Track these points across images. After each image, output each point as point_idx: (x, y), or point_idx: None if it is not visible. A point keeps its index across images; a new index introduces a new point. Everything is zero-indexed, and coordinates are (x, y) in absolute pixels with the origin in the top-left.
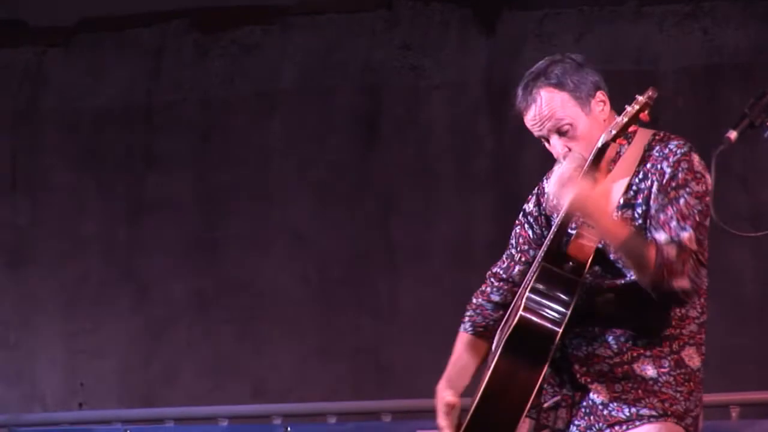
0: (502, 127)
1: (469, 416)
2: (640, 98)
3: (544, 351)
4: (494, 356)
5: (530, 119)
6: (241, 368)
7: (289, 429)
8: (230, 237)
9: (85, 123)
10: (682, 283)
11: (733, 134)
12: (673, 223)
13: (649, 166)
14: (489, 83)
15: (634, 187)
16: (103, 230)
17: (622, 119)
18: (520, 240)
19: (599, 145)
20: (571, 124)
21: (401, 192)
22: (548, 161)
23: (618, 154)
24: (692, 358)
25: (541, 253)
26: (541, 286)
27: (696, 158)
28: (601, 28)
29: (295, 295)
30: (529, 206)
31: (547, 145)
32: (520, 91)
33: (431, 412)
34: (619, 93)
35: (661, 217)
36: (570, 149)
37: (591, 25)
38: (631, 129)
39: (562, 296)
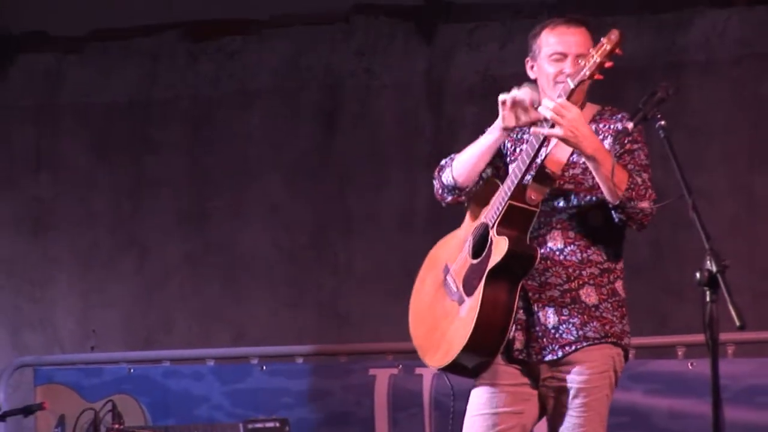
0: (439, 120)
1: (464, 343)
2: (605, 39)
3: (524, 273)
4: (466, 280)
5: (565, 37)
6: (225, 318)
7: (264, 368)
8: (216, 208)
9: (96, 115)
10: (643, 204)
11: (630, 125)
12: (631, 167)
13: (602, 125)
14: (428, 83)
15: None
16: (110, 204)
17: (595, 58)
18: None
19: (573, 85)
20: (583, 58)
21: (357, 171)
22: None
23: None
24: (622, 289)
25: (506, 189)
26: (511, 220)
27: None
28: (521, 37)
29: (269, 256)
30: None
31: (550, 63)
32: (559, 18)
33: (382, 354)
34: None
35: (620, 162)
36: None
37: (512, 35)
38: (581, 99)
39: (528, 225)
